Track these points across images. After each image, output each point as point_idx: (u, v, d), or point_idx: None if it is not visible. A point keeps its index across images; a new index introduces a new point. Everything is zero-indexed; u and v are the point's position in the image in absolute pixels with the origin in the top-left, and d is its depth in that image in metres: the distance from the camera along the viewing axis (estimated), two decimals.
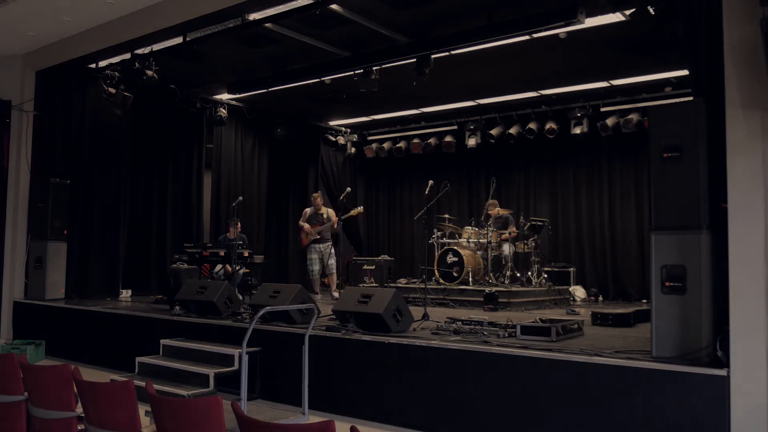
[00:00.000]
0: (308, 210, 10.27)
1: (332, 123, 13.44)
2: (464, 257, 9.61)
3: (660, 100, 9.58)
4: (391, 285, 10.08)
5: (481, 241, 9.86)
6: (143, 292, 9.99)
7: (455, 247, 9.82)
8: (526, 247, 10.08)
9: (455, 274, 9.65)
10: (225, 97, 11.03)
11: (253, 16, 7.35)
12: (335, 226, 9.77)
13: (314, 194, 10.39)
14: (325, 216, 10.07)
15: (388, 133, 13.29)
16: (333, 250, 9.98)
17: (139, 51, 8.55)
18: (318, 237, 9.94)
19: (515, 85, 10.30)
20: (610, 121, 10.35)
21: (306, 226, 9.98)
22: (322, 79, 9.16)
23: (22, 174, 9.29)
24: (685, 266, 4.42)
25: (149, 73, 8.42)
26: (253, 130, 12.11)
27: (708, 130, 4.46)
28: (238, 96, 10.61)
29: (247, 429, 2.57)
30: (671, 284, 4.47)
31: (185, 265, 8.23)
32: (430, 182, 7.97)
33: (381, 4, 7.22)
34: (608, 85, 10.12)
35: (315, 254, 10.01)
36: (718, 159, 4.36)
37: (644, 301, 9.96)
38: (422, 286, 8.30)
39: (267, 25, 7.53)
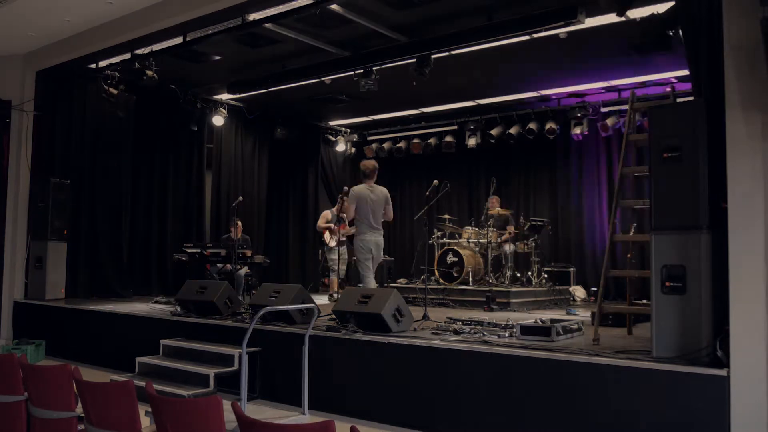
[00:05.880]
0: (328, 212, 10.33)
1: (332, 123, 13.44)
2: (464, 257, 9.61)
3: (660, 100, 9.57)
4: (391, 285, 10.09)
5: (481, 241, 9.86)
6: (144, 292, 9.97)
7: (455, 247, 9.83)
8: (526, 247, 10.08)
9: (455, 274, 9.65)
10: (225, 97, 11.03)
11: (253, 16, 7.35)
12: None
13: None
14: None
15: (388, 133, 13.28)
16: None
17: (139, 51, 8.54)
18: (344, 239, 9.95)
19: (515, 85, 10.30)
20: (610, 121, 10.35)
21: (334, 227, 9.92)
22: (322, 79, 9.16)
23: (22, 174, 9.28)
24: (685, 266, 4.42)
25: (149, 73, 8.42)
26: (253, 130, 12.11)
27: (708, 130, 4.46)
28: (238, 96, 10.60)
29: (247, 429, 2.57)
30: (671, 284, 4.47)
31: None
32: (435, 182, 7.97)
33: (381, 4, 7.22)
34: (608, 85, 10.12)
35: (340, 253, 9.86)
36: (718, 159, 4.36)
37: (644, 301, 9.94)
38: (422, 286, 8.31)
39: (267, 25, 7.53)
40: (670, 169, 4.53)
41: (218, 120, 10.97)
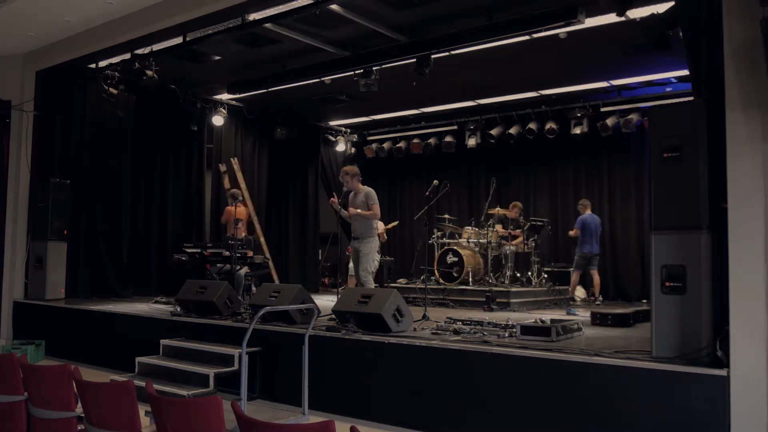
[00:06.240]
0: None
1: (332, 123, 13.45)
2: (464, 257, 9.61)
3: (660, 100, 9.58)
4: (391, 285, 10.09)
5: (481, 241, 9.86)
6: (144, 291, 9.97)
7: (455, 247, 9.83)
8: (526, 247, 10.09)
9: (455, 274, 9.66)
10: (225, 97, 11.03)
11: (253, 16, 7.34)
12: (382, 237, 10.02)
13: None
14: None
15: (388, 133, 13.29)
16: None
17: (139, 51, 8.54)
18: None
19: (515, 85, 10.30)
20: (610, 121, 10.35)
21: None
22: (322, 79, 9.16)
23: (22, 174, 9.29)
24: (685, 266, 4.42)
25: (149, 73, 8.42)
26: (253, 130, 12.11)
27: (708, 130, 4.46)
28: (238, 96, 10.60)
29: (247, 429, 2.57)
30: (671, 284, 4.47)
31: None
32: (435, 182, 7.98)
33: (381, 4, 7.22)
34: (608, 85, 10.12)
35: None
36: (718, 159, 4.36)
37: (644, 301, 9.96)
38: (422, 286, 8.31)
39: (267, 25, 7.53)
40: (670, 169, 4.53)
41: (218, 120, 10.97)
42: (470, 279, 9.61)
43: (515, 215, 10.40)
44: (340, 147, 13.49)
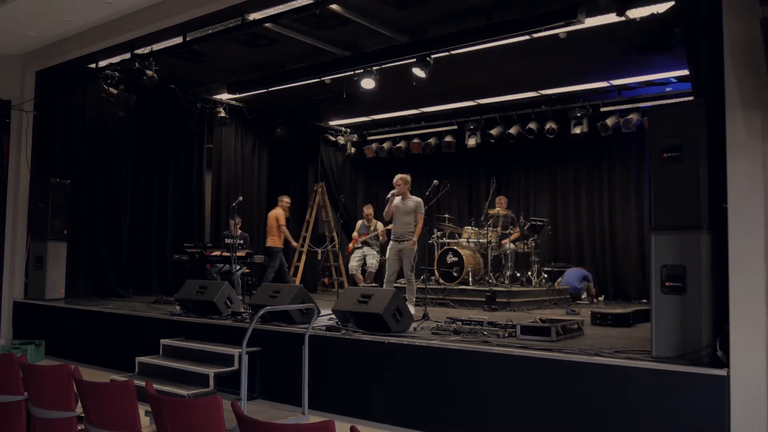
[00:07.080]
0: (359, 222, 10.55)
1: (332, 123, 13.44)
2: (464, 257, 9.61)
3: (660, 100, 9.58)
4: None
5: (481, 241, 9.86)
6: (144, 291, 9.97)
7: (455, 247, 9.83)
8: (526, 247, 10.08)
9: (455, 274, 9.65)
10: (225, 97, 11.03)
11: (253, 16, 7.35)
12: (381, 237, 10.19)
13: (365, 207, 10.84)
14: (372, 228, 10.29)
15: (388, 133, 13.27)
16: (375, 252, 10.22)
17: (139, 51, 8.55)
18: (360, 245, 10.22)
19: (515, 85, 10.29)
20: (610, 121, 10.35)
21: (355, 235, 10.36)
22: (322, 79, 9.16)
23: (22, 174, 9.29)
24: (685, 266, 4.43)
25: (149, 73, 8.42)
26: (253, 130, 12.11)
27: (708, 130, 4.46)
28: (238, 96, 10.60)
29: (247, 429, 2.57)
30: (671, 284, 4.47)
31: None
32: (435, 182, 7.98)
33: (381, 4, 7.22)
34: (608, 85, 10.12)
35: (357, 253, 10.19)
36: (718, 159, 4.36)
37: (644, 301, 9.96)
38: (422, 286, 8.29)
39: (267, 25, 7.53)
40: (670, 169, 4.53)
41: (218, 120, 10.95)
42: (470, 279, 9.61)
43: (497, 209, 10.35)
44: (341, 147, 13.48)
